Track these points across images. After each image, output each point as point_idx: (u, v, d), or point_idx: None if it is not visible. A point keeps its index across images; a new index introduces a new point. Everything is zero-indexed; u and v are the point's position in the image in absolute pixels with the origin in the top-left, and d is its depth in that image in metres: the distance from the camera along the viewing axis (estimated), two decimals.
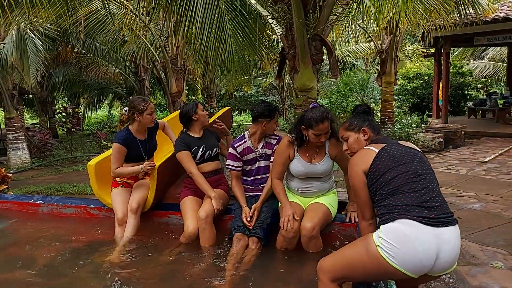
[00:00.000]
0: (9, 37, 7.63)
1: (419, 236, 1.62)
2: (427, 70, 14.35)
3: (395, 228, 1.67)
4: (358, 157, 1.96)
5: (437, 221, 1.67)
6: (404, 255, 1.62)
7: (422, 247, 1.61)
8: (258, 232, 2.72)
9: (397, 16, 6.26)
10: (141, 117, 3.09)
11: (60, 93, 16.01)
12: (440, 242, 1.64)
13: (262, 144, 2.99)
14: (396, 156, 1.85)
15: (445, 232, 1.67)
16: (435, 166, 6.71)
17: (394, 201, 1.74)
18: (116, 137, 3.09)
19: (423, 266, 1.63)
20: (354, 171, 1.92)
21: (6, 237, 3.24)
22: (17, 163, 8.82)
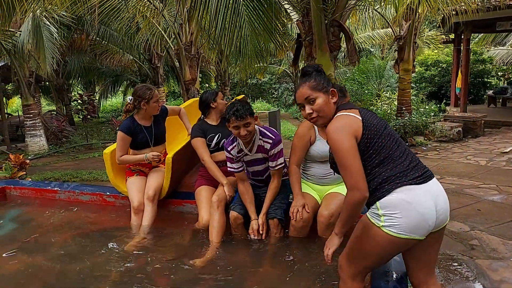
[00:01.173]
0: (25, 25, 7.69)
1: (418, 197, 1.62)
2: (446, 57, 13.97)
3: (395, 200, 1.63)
4: (346, 121, 1.71)
5: (424, 177, 1.68)
6: (410, 222, 1.60)
7: (424, 206, 1.61)
8: (279, 213, 2.67)
9: (417, 1, 6.06)
10: (147, 105, 3.08)
11: (76, 81, 16.18)
12: (433, 196, 1.66)
13: (255, 148, 2.72)
14: (376, 124, 1.73)
15: (432, 185, 1.69)
16: (454, 156, 6.57)
17: (386, 172, 1.67)
18: (121, 126, 3.12)
19: (429, 225, 1.64)
20: (344, 136, 1.66)
21: (24, 223, 3.30)
22: (34, 150, 8.98)
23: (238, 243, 2.74)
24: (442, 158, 6.47)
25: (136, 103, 3.11)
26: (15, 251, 2.75)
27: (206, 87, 18.30)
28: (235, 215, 2.72)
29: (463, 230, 3.45)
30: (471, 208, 4.00)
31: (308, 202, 2.63)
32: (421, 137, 7.89)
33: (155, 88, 3.14)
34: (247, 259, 2.64)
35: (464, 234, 3.37)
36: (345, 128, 1.68)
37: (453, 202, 4.21)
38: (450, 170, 5.61)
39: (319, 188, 2.79)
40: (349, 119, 1.72)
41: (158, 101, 3.11)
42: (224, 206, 2.82)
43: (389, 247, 1.66)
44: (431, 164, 6.06)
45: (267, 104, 19.24)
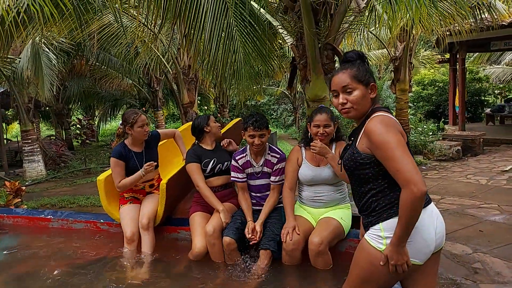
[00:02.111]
0: (24, 52, 7.79)
1: (423, 222, 1.55)
2: (442, 77, 14.10)
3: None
4: (392, 121, 1.58)
5: (426, 199, 1.59)
6: (413, 247, 1.55)
7: (427, 232, 1.56)
8: (272, 245, 2.63)
9: (411, 23, 6.15)
10: (132, 130, 3.04)
11: (76, 105, 16.28)
12: (434, 219, 1.61)
13: (262, 161, 2.88)
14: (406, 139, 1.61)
15: (432, 207, 1.62)
16: (454, 175, 6.51)
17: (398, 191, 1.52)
18: (113, 152, 3.06)
19: (430, 250, 1.59)
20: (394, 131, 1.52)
21: (16, 252, 3.21)
22: (32, 175, 8.93)
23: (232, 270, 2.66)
24: (442, 178, 6.41)
25: (123, 128, 3.09)
26: (6, 281, 2.67)
27: (205, 109, 18.40)
28: (228, 240, 2.67)
29: (465, 252, 3.37)
30: (473, 229, 3.92)
31: (300, 224, 2.60)
32: (420, 156, 7.86)
33: (142, 113, 3.09)
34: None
35: (467, 257, 3.28)
36: (394, 126, 1.56)
37: (455, 223, 4.14)
38: (451, 190, 5.55)
39: (313, 211, 2.76)
40: (394, 120, 1.60)
41: (144, 126, 3.05)
42: (220, 234, 2.76)
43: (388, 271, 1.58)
44: (431, 183, 6.00)
45: None
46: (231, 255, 2.68)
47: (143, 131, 3.05)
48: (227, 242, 2.66)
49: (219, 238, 2.73)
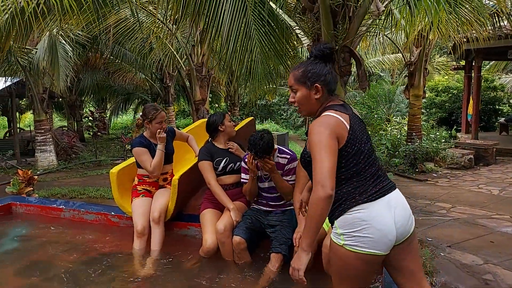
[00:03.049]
0: (41, 43, 7.88)
1: (374, 214, 1.60)
2: (456, 84, 13.93)
3: (351, 218, 1.61)
4: (330, 121, 1.64)
5: (382, 191, 1.65)
6: (369, 239, 1.59)
7: (381, 223, 1.59)
8: (284, 248, 2.60)
9: (428, 28, 6.08)
10: (150, 125, 3.13)
11: (88, 97, 16.45)
12: (392, 209, 1.63)
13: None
14: (359, 136, 1.68)
15: (391, 197, 1.66)
16: (465, 184, 6.43)
17: (346, 188, 1.64)
18: (133, 144, 3.15)
19: (389, 240, 1.61)
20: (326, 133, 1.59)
21: (28, 241, 3.26)
22: (44, 165, 9.04)
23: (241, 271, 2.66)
24: (453, 186, 6.33)
25: (142, 121, 3.16)
26: (16, 270, 2.71)
27: (216, 107, 18.46)
28: (238, 240, 2.66)
29: (476, 263, 3.32)
30: (483, 239, 3.87)
31: None
32: (432, 164, 7.77)
33: (162, 110, 3.15)
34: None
35: (477, 267, 3.24)
36: (328, 127, 1.61)
37: (465, 232, 4.09)
38: (462, 199, 5.48)
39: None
40: (334, 120, 1.64)
41: (161, 123, 3.11)
42: (231, 232, 2.76)
43: (358, 264, 1.61)
44: (442, 192, 5.93)
45: (275, 125, 19.30)
46: (241, 254, 2.68)
47: (160, 127, 3.09)
48: (237, 242, 2.65)
49: (229, 237, 2.73)
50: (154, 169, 3.08)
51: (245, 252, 2.69)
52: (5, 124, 19.37)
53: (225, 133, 3.09)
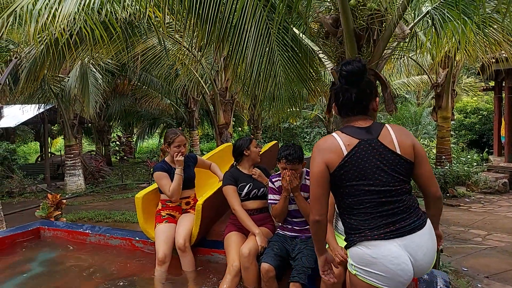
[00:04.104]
0: (73, 71, 8.26)
1: (386, 253, 1.56)
2: (486, 105, 13.52)
3: (359, 253, 1.61)
4: (325, 145, 1.67)
5: (401, 231, 1.59)
6: (381, 275, 1.56)
7: (392, 262, 1.55)
8: (303, 278, 2.52)
9: (455, 49, 5.96)
10: (169, 148, 3.16)
11: (116, 123, 16.96)
12: (410, 251, 1.58)
13: (299, 187, 2.74)
14: (362, 165, 1.62)
15: (414, 239, 1.59)
16: (501, 210, 6.11)
17: (353, 221, 1.65)
18: (154, 168, 3.19)
19: (404, 279, 1.58)
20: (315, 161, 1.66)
21: (55, 266, 3.29)
22: (72, 189, 9.28)
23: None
24: (488, 212, 6.03)
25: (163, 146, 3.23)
26: None
27: (239, 130, 18.60)
28: (266, 267, 2.57)
29: None
30: None
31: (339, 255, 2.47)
32: (463, 188, 7.46)
33: (182, 135, 3.18)
34: None
35: None
36: (319, 151, 1.67)
37: (504, 262, 3.84)
38: (498, 226, 5.19)
39: None
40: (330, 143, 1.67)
41: (180, 147, 3.12)
42: (255, 258, 2.69)
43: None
44: (477, 218, 5.65)
45: None
46: (269, 282, 2.58)
47: (179, 150, 3.11)
48: (265, 269, 2.57)
49: (253, 263, 2.66)
50: (173, 194, 3.08)
51: (273, 280, 2.59)
52: (37, 149, 20.16)
53: (250, 158, 3.07)
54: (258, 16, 3.31)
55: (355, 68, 1.66)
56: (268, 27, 3.39)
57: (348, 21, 3.20)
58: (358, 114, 1.70)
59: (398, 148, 1.65)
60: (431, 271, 2.34)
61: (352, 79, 1.67)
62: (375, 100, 1.75)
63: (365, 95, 1.69)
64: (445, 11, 3.53)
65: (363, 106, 1.70)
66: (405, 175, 1.67)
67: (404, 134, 1.71)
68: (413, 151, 1.68)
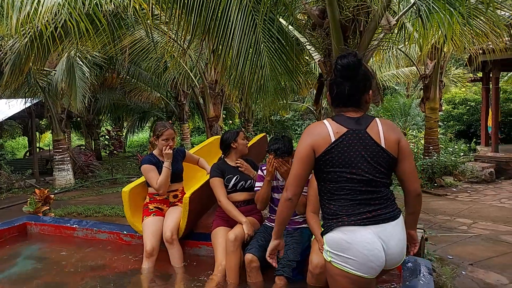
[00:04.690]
0: (60, 65, 8.13)
1: (359, 239, 1.62)
2: (474, 95, 13.67)
3: (335, 238, 1.67)
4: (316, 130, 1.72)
5: (376, 218, 1.65)
6: (354, 260, 1.62)
7: (366, 248, 1.61)
8: (287, 271, 2.55)
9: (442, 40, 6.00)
10: (157, 141, 3.16)
11: (105, 117, 16.79)
12: (383, 240, 1.64)
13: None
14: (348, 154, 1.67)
15: (387, 228, 1.66)
16: (487, 199, 6.22)
17: (332, 206, 1.70)
18: (142, 162, 3.19)
19: (377, 265, 1.63)
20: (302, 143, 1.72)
21: (42, 261, 3.28)
22: (61, 183, 9.20)
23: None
24: (474, 201, 6.13)
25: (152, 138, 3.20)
26: None
27: (230, 123, 18.54)
28: (250, 257, 2.61)
29: (500, 282, 3.17)
30: (509, 257, 3.71)
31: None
32: (451, 178, 7.57)
33: (171, 128, 3.17)
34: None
35: (502, 287, 3.09)
36: (309, 135, 1.72)
37: (488, 250, 3.92)
38: (484, 214, 5.29)
39: None
40: (320, 129, 1.71)
41: (168, 140, 3.12)
42: (241, 244, 2.73)
43: (344, 282, 1.65)
44: (463, 207, 5.74)
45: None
46: (252, 273, 2.61)
47: (167, 144, 3.11)
48: (249, 259, 2.60)
49: (239, 248, 2.70)
50: (160, 187, 3.07)
51: (257, 271, 2.62)
52: (25, 143, 19.89)
53: (237, 151, 3.08)
54: (244, 7, 3.29)
55: (350, 62, 1.69)
56: (254, 18, 3.38)
57: (334, 12, 3.20)
58: (350, 106, 1.74)
59: (383, 142, 1.70)
60: (414, 259, 2.39)
61: (347, 73, 1.70)
62: (368, 93, 1.77)
63: (359, 88, 1.72)
64: (430, 2, 3.54)
65: (356, 100, 1.73)
66: (387, 168, 1.72)
67: (391, 129, 1.75)
68: (398, 146, 1.73)
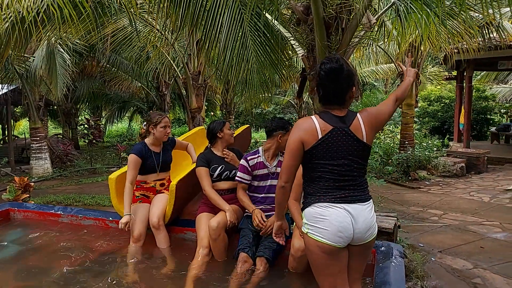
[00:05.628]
0: (39, 51, 7.94)
1: (332, 212, 1.85)
2: (449, 93, 14.16)
3: (311, 212, 1.90)
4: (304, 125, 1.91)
5: (348, 199, 1.88)
6: (326, 230, 1.84)
7: (337, 220, 1.84)
8: (268, 253, 2.70)
9: (419, 39, 6.24)
10: (155, 129, 3.21)
11: (84, 105, 16.47)
12: (353, 215, 1.86)
13: (276, 161, 2.99)
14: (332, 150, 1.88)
15: (357, 207, 1.88)
16: (457, 192, 6.54)
17: (311, 188, 1.93)
18: (133, 149, 3.20)
19: (345, 236, 1.85)
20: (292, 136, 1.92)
21: (26, 245, 3.29)
22: (39, 172, 9.03)
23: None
24: (445, 194, 6.44)
25: (146, 127, 3.22)
26: (14, 274, 2.74)
27: (211, 115, 18.53)
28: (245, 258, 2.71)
29: (466, 267, 3.41)
30: (474, 245, 3.96)
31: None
32: (424, 172, 7.89)
33: (167, 116, 3.25)
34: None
35: (467, 272, 3.32)
36: (298, 130, 1.91)
37: (457, 238, 4.18)
38: (454, 206, 5.58)
39: None
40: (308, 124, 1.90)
41: (165, 128, 3.22)
42: (224, 231, 2.86)
43: (317, 251, 1.86)
44: (435, 199, 6.03)
45: None
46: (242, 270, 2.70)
47: (165, 132, 3.21)
48: (244, 259, 2.70)
49: (221, 235, 2.83)
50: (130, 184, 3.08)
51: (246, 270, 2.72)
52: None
53: (223, 140, 3.18)
54: (232, 1, 3.36)
55: (332, 67, 1.88)
56: (241, 12, 3.46)
57: (318, 9, 3.31)
58: (336, 104, 1.94)
59: (365, 136, 1.92)
60: (387, 243, 2.57)
61: (330, 76, 1.88)
62: (352, 89, 1.95)
63: (342, 89, 1.91)
64: (409, 3, 3.72)
65: (340, 98, 1.93)
66: (365, 161, 1.97)
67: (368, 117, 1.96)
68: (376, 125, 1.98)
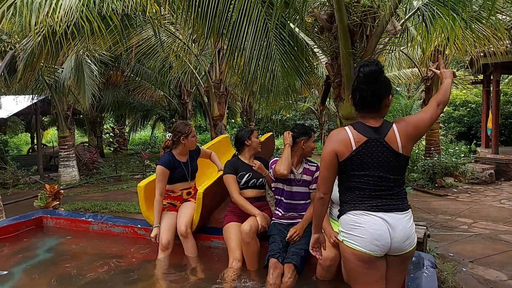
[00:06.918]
0: (67, 62, 8.24)
1: (368, 220, 1.84)
2: (475, 97, 13.79)
3: (347, 219, 1.91)
4: (338, 137, 1.91)
5: (385, 207, 1.86)
6: (362, 238, 1.83)
7: (373, 228, 1.82)
8: (296, 259, 2.68)
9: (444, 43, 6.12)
10: (186, 140, 3.27)
11: (108, 114, 16.90)
12: (390, 224, 1.84)
13: (301, 169, 2.99)
14: (367, 162, 1.87)
15: (394, 216, 1.86)
16: (487, 199, 6.35)
17: (348, 196, 1.94)
18: (160, 160, 3.24)
19: (382, 245, 1.83)
20: (326, 148, 1.93)
21: (58, 253, 3.40)
22: (66, 180, 9.31)
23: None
24: (475, 201, 6.27)
25: (176, 139, 3.28)
26: (47, 281, 2.83)
27: (232, 122, 18.67)
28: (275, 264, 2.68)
29: (499, 279, 3.30)
30: (507, 255, 3.84)
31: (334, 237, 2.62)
32: (451, 179, 7.70)
33: (192, 125, 3.32)
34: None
35: (502, 283, 3.22)
36: (331, 141, 1.92)
37: (488, 248, 4.05)
38: (484, 214, 5.42)
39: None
40: (342, 136, 1.90)
41: (195, 136, 3.31)
42: (256, 234, 2.86)
43: (353, 259, 1.86)
44: (463, 207, 5.87)
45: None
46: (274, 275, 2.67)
47: (195, 140, 3.28)
48: (274, 265, 2.68)
49: (254, 238, 2.83)
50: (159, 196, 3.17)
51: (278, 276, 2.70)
52: (28, 140, 19.98)
53: (251, 148, 3.22)
54: (257, 12, 3.41)
55: (372, 70, 1.86)
56: (266, 23, 3.50)
57: (342, 17, 3.32)
58: (372, 108, 1.90)
59: (401, 147, 1.88)
60: (418, 253, 2.52)
61: (368, 80, 1.86)
62: (388, 97, 1.93)
63: (379, 95, 1.88)
64: (434, 8, 3.67)
65: (377, 103, 1.90)
66: (402, 171, 1.93)
67: (405, 127, 1.91)
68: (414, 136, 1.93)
